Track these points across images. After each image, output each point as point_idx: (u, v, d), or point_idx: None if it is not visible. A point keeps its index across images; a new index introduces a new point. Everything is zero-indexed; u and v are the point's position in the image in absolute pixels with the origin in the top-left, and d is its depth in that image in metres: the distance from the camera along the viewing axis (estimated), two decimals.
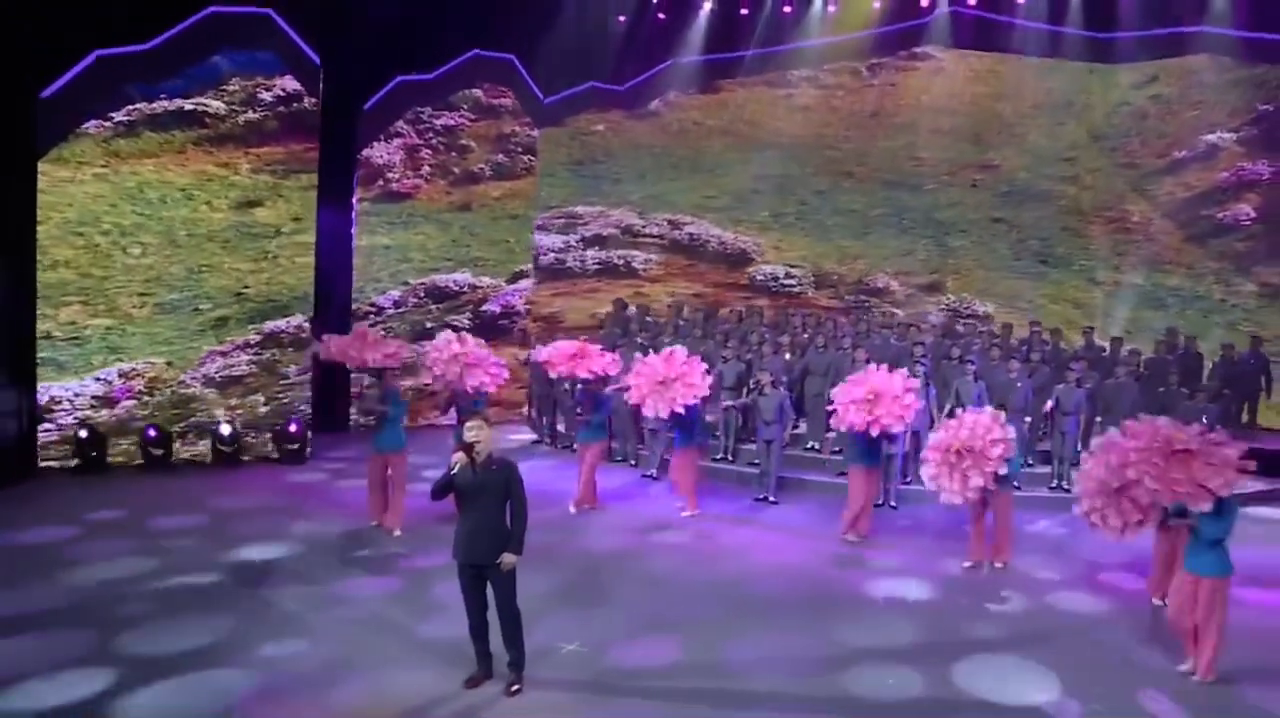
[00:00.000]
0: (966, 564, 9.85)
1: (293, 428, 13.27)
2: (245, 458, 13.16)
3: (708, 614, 8.18)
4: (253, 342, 13.34)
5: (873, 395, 10.20)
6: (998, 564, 9.82)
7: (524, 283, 17.12)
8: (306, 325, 13.53)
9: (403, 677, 6.78)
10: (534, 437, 15.35)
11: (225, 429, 12.98)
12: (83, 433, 12.27)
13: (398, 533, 10.07)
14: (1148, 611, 8.66)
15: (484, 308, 16.54)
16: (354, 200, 15.31)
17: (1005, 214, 18.76)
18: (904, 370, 10.83)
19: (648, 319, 16.08)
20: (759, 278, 19.06)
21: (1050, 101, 18.51)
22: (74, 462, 12.30)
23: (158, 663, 6.89)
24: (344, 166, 14.94)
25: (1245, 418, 15.00)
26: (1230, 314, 17.13)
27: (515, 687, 6.57)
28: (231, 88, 13.11)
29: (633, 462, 13.71)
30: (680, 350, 11.44)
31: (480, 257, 16.68)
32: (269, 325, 13.41)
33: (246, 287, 13.29)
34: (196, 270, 13.02)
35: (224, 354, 13.19)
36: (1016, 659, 7.52)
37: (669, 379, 11.02)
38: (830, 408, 10.98)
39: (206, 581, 8.65)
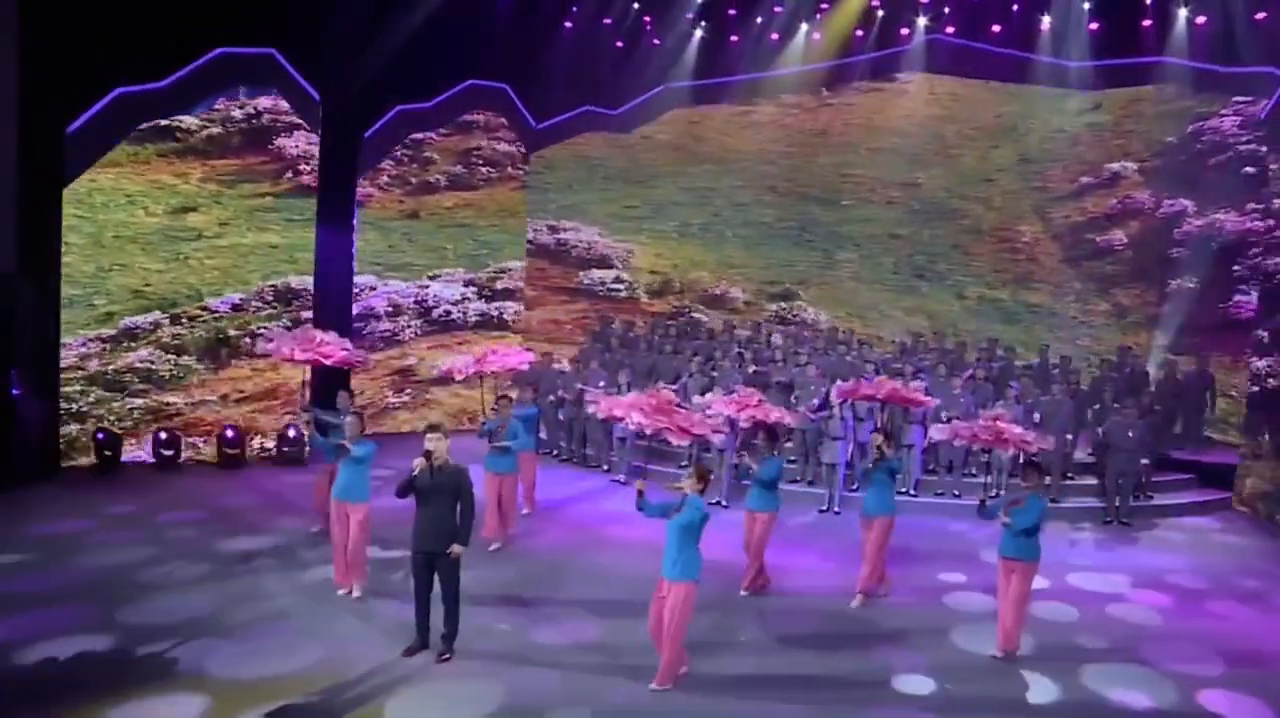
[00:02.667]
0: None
1: (291, 433, 14.45)
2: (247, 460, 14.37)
3: (632, 603, 9.21)
4: (105, 336, 14.03)
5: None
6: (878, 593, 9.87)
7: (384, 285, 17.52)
8: (165, 322, 14.36)
9: (354, 646, 7.97)
10: None
11: (229, 432, 14.20)
12: (100, 435, 13.54)
13: (356, 594, 9.19)
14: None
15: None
16: (354, 223, 16.49)
17: (906, 230, 19.66)
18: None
19: (630, 335, 17.19)
20: (586, 282, 19.96)
21: (996, 125, 19.37)
22: (92, 461, 13.59)
23: (150, 631, 8.11)
24: (344, 192, 16.10)
25: (1186, 432, 15.85)
26: (1077, 331, 18.19)
27: (445, 656, 7.76)
28: (217, 105, 14.48)
29: (605, 467, 14.77)
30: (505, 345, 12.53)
31: (409, 262, 17.62)
32: (126, 322, 14.12)
33: (148, 284, 14.20)
34: (106, 269, 13.96)
35: (64, 347, 13.78)
36: (896, 649, 8.55)
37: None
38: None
39: (199, 566, 9.86)
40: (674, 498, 7.51)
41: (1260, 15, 15.84)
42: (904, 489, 13.46)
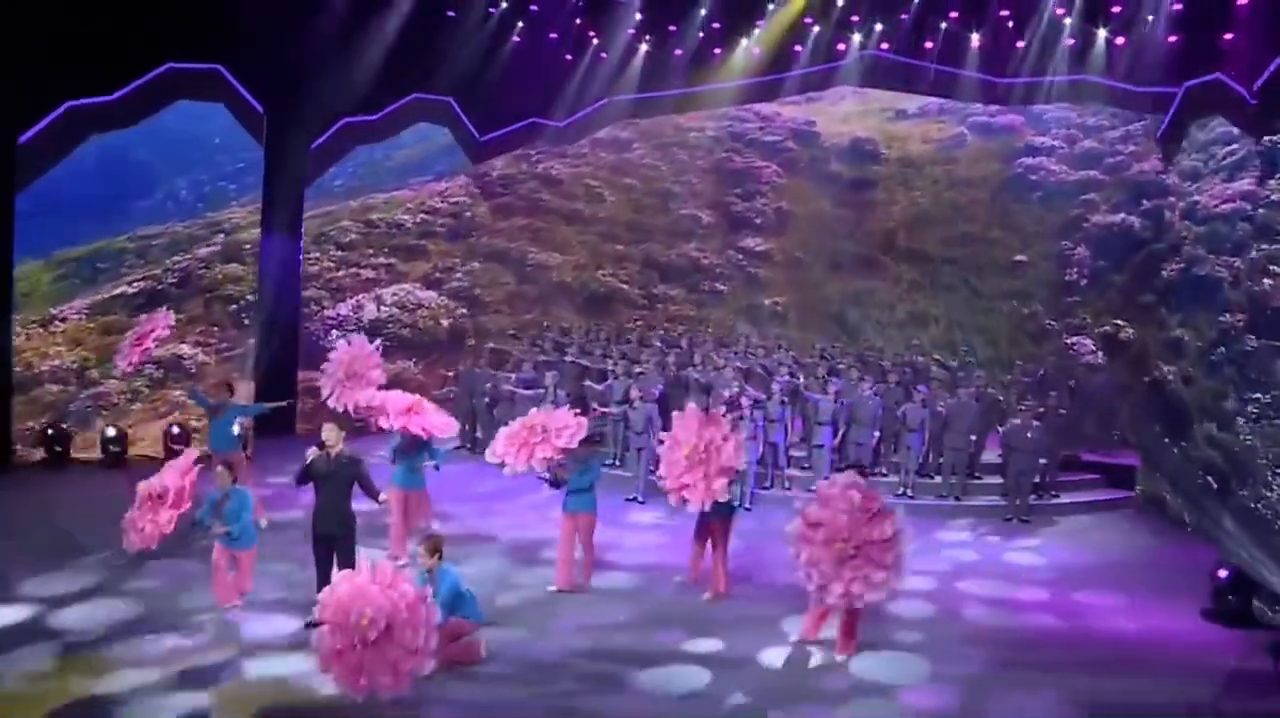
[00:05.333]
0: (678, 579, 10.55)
1: (234, 430, 15.01)
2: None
3: (530, 588, 10.02)
4: None
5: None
6: (706, 596, 10.11)
7: None
8: None
9: (265, 620, 8.85)
10: (457, 443, 17.06)
11: (175, 429, 14.83)
12: (49, 430, 14.21)
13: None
14: None
15: None
16: (301, 232, 17.16)
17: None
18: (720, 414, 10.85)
19: (562, 340, 17.93)
20: None
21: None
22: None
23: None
24: (291, 203, 16.82)
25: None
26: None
27: None
28: None
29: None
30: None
31: None
32: None
33: None
34: None
35: None
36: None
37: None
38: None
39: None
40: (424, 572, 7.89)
41: (1172, 38, 16.63)
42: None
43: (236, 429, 14.66)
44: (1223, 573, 10.13)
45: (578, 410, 10.96)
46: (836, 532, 8.09)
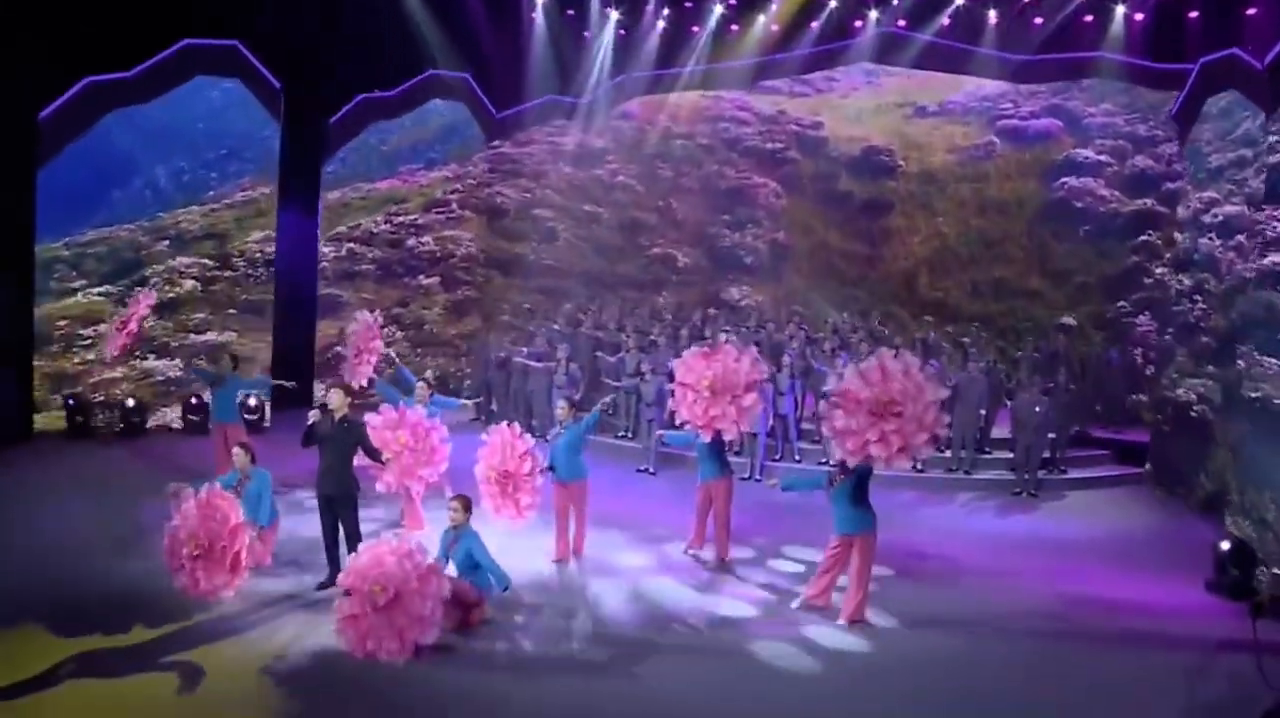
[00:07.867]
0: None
1: (252, 402, 15.24)
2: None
3: (532, 552, 10.24)
4: None
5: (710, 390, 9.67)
6: (711, 563, 10.36)
7: None
8: None
9: (274, 581, 9.03)
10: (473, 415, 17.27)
11: (193, 399, 15.07)
12: (70, 402, 14.49)
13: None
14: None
15: None
16: (319, 207, 17.35)
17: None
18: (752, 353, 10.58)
19: (579, 316, 18.09)
20: None
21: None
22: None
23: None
24: (308, 179, 17.03)
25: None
26: None
27: None
28: None
29: (547, 438, 15.53)
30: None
31: None
32: None
33: None
34: None
35: None
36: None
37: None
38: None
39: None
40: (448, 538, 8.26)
41: (1193, 14, 16.44)
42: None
43: (254, 401, 15.14)
44: (1225, 545, 10.16)
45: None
46: (882, 394, 8.19)
